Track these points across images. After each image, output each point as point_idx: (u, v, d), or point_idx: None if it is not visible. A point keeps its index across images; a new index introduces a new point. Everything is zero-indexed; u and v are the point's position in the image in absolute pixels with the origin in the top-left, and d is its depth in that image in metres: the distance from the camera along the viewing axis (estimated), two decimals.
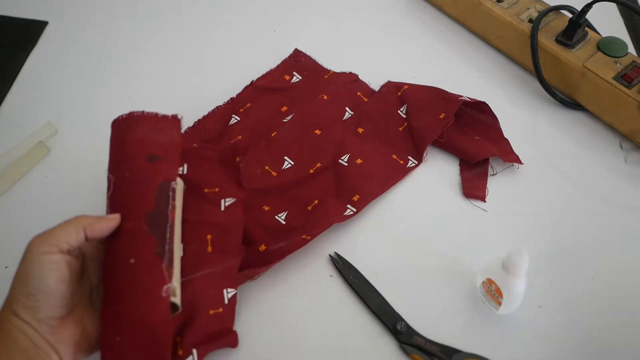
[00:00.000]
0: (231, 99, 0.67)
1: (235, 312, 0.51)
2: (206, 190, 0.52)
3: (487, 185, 0.61)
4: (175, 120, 0.47)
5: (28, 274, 0.38)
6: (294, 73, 0.70)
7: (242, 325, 0.51)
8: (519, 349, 0.51)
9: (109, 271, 0.42)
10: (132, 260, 0.41)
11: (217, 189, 0.52)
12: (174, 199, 0.44)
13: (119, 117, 0.47)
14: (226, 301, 0.49)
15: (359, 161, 0.62)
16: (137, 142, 0.46)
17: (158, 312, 0.40)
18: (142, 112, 0.47)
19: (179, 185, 0.48)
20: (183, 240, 0.48)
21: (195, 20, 0.77)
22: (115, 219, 0.42)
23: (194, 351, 0.45)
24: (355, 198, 0.58)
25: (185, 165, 0.53)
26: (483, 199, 0.60)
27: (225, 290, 0.49)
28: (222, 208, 0.51)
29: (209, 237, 0.49)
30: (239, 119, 0.65)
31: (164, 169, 0.45)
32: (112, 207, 0.43)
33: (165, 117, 0.47)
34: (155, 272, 0.41)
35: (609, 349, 0.51)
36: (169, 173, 0.45)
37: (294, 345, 0.50)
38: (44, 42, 0.74)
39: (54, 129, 0.64)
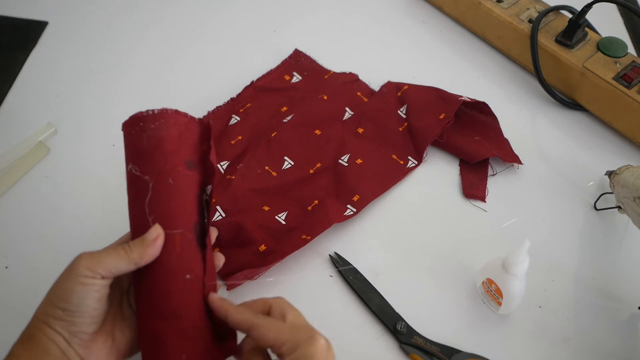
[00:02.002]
0: (231, 99, 0.67)
1: None
2: None
3: (487, 185, 0.61)
4: (207, 125, 0.44)
5: (69, 291, 0.37)
6: (294, 73, 0.70)
7: None
8: (519, 349, 0.51)
9: (163, 285, 0.40)
10: (188, 276, 0.40)
11: None
12: (208, 211, 0.42)
13: (147, 111, 0.43)
14: None
15: (359, 161, 0.62)
16: (176, 145, 0.42)
17: (222, 330, 0.41)
18: (175, 110, 0.43)
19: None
20: None
21: (195, 20, 0.77)
22: (159, 234, 0.39)
23: None
24: (355, 198, 0.58)
25: None
26: (483, 199, 0.60)
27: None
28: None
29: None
30: (239, 119, 0.65)
31: (200, 178, 0.42)
32: (154, 213, 0.40)
33: (197, 120, 0.44)
34: (209, 288, 0.41)
35: (608, 349, 0.51)
36: (203, 182, 0.43)
37: None
38: (44, 42, 0.74)
39: (54, 129, 0.64)
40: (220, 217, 0.56)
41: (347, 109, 0.66)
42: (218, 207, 0.56)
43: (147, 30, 0.76)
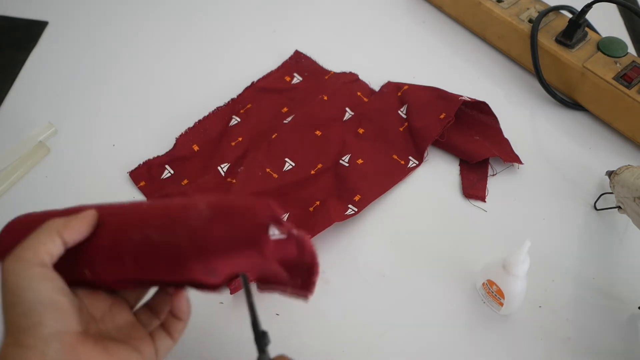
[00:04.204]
0: (232, 99, 0.67)
1: (232, 314, 0.51)
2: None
3: (487, 185, 0.61)
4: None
5: (17, 292, 0.32)
6: (295, 74, 0.70)
7: (242, 325, 0.51)
8: (519, 349, 0.51)
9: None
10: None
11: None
12: None
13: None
14: None
15: (359, 161, 0.62)
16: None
17: None
18: None
19: None
20: None
21: (196, 21, 0.77)
22: (91, 214, 0.36)
23: None
24: (357, 198, 0.58)
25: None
26: (483, 199, 0.60)
27: None
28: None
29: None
30: (239, 119, 0.65)
31: None
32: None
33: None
34: None
35: (608, 349, 0.51)
36: None
37: (297, 346, 0.50)
38: (44, 42, 0.74)
39: (54, 129, 0.64)
40: None
41: (347, 109, 0.66)
42: None
43: (148, 31, 0.76)
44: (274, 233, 0.36)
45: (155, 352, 0.38)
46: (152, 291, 0.42)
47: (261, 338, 0.36)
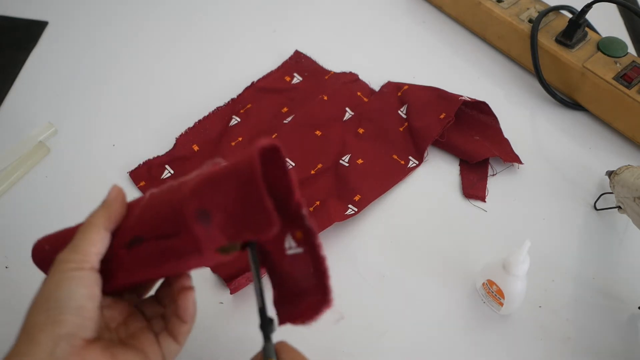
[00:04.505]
0: (232, 99, 0.67)
1: (232, 314, 0.51)
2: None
3: (487, 185, 0.61)
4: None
5: (54, 288, 0.33)
6: (295, 74, 0.70)
7: (242, 325, 0.51)
8: (519, 349, 0.51)
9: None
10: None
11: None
12: None
13: None
14: None
15: (359, 161, 0.62)
16: None
17: None
18: None
19: None
20: None
21: (196, 21, 0.77)
22: (121, 192, 0.38)
23: None
24: (357, 198, 0.58)
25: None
26: (483, 199, 0.60)
27: None
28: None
29: None
30: (239, 119, 0.65)
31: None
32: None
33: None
34: None
35: (608, 349, 0.51)
36: None
37: (296, 346, 0.50)
38: (44, 42, 0.74)
39: (54, 129, 0.64)
40: None
41: (347, 109, 0.66)
42: None
43: (148, 31, 0.76)
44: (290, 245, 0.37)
45: (162, 357, 0.39)
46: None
47: (268, 325, 0.36)
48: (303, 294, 0.38)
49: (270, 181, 0.36)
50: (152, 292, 0.43)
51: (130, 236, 0.37)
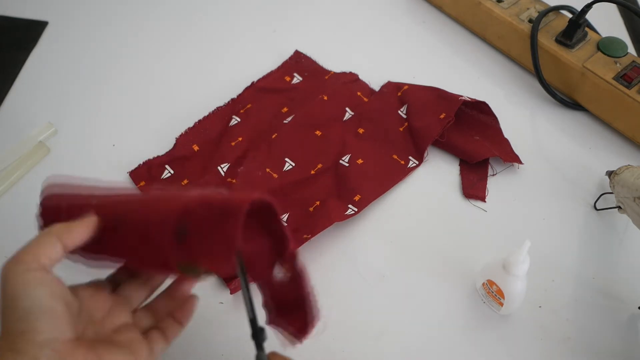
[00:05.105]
0: (232, 99, 0.67)
1: (232, 314, 0.51)
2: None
3: (487, 185, 0.61)
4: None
5: (14, 296, 0.32)
6: (295, 74, 0.70)
7: (242, 325, 0.51)
8: (519, 349, 0.51)
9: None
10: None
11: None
12: None
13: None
14: None
15: (359, 161, 0.62)
16: None
17: None
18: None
19: None
20: None
21: (196, 21, 0.77)
22: (92, 220, 0.37)
23: None
24: (357, 198, 0.58)
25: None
26: (483, 199, 0.60)
27: None
28: None
29: None
30: (239, 119, 0.65)
31: None
32: None
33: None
34: None
35: (608, 349, 0.51)
36: None
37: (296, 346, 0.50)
38: (44, 42, 0.74)
39: (54, 129, 0.64)
40: None
41: (347, 109, 0.66)
42: None
43: (148, 31, 0.76)
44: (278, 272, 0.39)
45: (150, 353, 0.38)
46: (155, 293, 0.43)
47: (259, 334, 0.36)
48: (290, 307, 0.40)
49: (267, 227, 0.38)
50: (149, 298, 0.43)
51: (115, 217, 0.38)
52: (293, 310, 0.40)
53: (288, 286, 0.39)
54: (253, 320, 0.37)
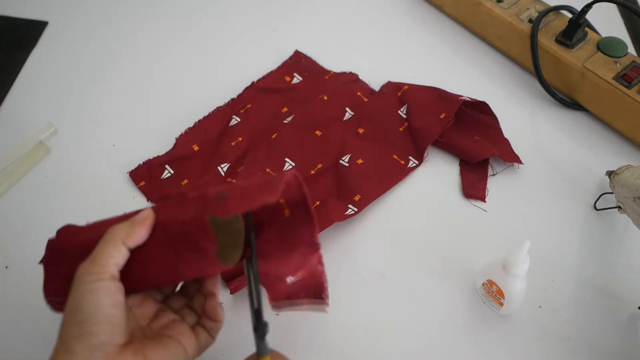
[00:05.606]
0: (232, 99, 0.67)
1: (232, 314, 0.51)
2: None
3: (487, 185, 0.61)
4: None
5: (80, 301, 0.35)
6: (295, 74, 0.70)
7: (241, 325, 0.51)
8: (519, 349, 0.51)
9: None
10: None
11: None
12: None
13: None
14: None
15: (359, 161, 0.62)
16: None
17: None
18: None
19: None
20: None
21: (195, 21, 0.77)
22: (150, 216, 0.39)
23: None
24: (357, 198, 0.58)
25: None
26: (483, 199, 0.60)
27: None
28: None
29: None
30: (239, 119, 0.65)
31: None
32: None
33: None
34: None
35: (608, 349, 0.51)
36: None
37: (296, 346, 0.50)
38: (44, 42, 0.74)
39: (54, 129, 0.64)
40: None
41: (347, 109, 0.66)
42: None
43: (148, 31, 0.76)
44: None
45: (197, 345, 0.41)
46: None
47: (262, 326, 0.37)
48: (292, 249, 0.42)
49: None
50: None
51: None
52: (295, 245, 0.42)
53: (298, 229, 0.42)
54: (258, 311, 0.37)
